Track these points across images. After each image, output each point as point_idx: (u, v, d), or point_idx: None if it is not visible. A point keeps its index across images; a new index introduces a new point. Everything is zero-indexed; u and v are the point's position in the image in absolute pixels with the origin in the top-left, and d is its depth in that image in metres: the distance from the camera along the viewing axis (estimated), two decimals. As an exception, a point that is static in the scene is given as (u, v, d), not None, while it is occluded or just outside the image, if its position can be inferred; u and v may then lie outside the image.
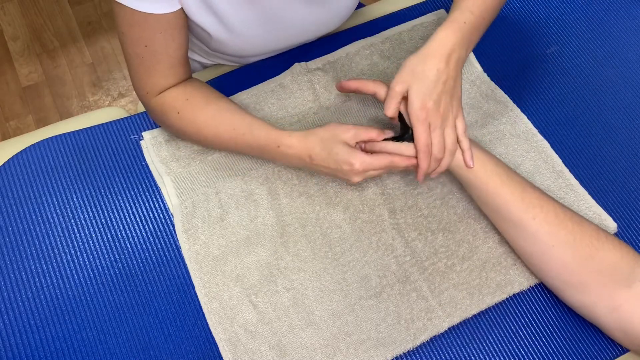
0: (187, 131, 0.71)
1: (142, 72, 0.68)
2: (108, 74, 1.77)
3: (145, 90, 0.70)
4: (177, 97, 0.70)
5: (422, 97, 0.62)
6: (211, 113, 0.70)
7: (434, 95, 0.62)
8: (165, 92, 0.70)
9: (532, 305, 0.67)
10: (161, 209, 0.73)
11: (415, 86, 0.62)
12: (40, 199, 0.73)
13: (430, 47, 0.63)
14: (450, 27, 0.64)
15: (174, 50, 0.67)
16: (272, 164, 0.75)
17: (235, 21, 0.69)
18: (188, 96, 0.70)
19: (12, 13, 1.85)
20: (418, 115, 0.62)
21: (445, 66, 0.62)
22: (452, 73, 0.63)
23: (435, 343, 0.65)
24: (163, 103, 0.70)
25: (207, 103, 0.70)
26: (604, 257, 0.61)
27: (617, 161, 0.76)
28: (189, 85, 0.71)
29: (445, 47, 0.63)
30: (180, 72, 0.70)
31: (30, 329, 0.65)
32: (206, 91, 0.72)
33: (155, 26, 0.64)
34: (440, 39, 0.63)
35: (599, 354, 0.64)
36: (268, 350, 0.63)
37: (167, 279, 0.68)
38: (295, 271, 0.68)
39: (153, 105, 0.71)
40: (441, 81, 0.62)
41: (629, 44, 0.86)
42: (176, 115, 0.70)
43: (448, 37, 0.63)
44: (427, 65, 0.62)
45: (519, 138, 0.77)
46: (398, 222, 0.71)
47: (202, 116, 0.69)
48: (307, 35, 0.80)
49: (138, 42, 0.65)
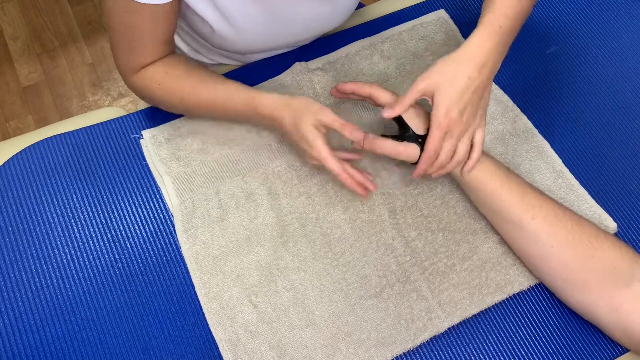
0: (170, 102, 0.72)
1: (126, 51, 0.69)
2: (108, 74, 1.77)
3: (127, 67, 0.71)
4: (158, 71, 0.71)
5: (449, 103, 0.60)
6: (192, 83, 0.71)
7: (460, 104, 0.60)
8: (147, 67, 0.71)
9: (532, 305, 0.67)
10: (161, 209, 0.73)
11: (443, 90, 0.60)
12: (40, 199, 0.73)
13: (464, 51, 0.61)
14: (485, 31, 0.61)
15: (162, 34, 0.68)
16: (272, 164, 0.75)
17: (239, 16, 0.69)
18: (168, 69, 0.71)
19: (12, 13, 1.85)
20: (440, 122, 0.60)
21: (477, 74, 0.60)
22: (484, 82, 0.61)
23: (435, 343, 0.65)
24: (144, 78, 0.71)
25: (188, 74, 0.71)
26: (603, 257, 0.61)
27: (617, 161, 0.76)
28: (169, 59, 0.72)
29: (480, 53, 0.60)
30: (165, 50, 0.71)
31: (30, 329, 0.65)
32: (185, 63, 0.73)
33: (149, 15, 0.64)
34: (476, 44, 0.60)
35: (599, 354, 0.64)
36: (268, 350, 0.63)
37: (167, 279, 0.68)
38: (295, 271, 0.68)
39: (134, 80, 0.72)
40: (470, 90, 0.60)
41: (629, 44, 0.86)
42: (157, 87, 0.71)
43: (483, 42, 0.60)
44: (459, 70, 0.60)
45: (519, 138, 0.77)
46: (398, 222, 0.71)
47: (183, 87, 0.71)
48: (309, 32, 0.80)
49: (127, 26, 0.65)
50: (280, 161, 0.75)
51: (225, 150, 0.76)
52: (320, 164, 0.66)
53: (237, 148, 0.76)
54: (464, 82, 0.60)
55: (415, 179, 0.73)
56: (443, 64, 0.61)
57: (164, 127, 0.78)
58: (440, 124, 0.60)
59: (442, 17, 0.88)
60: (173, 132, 0.77)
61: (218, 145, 0.76)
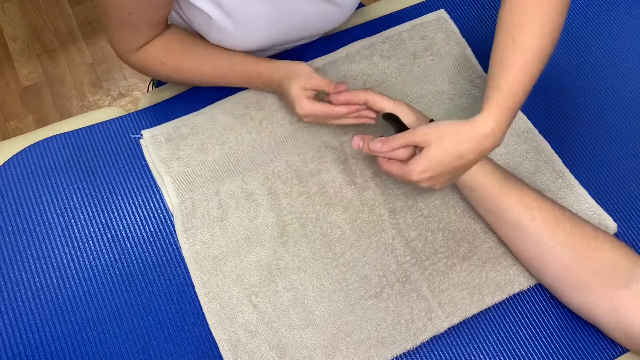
0: (173, 77, 0.76)
1: (122, 33, 0.70)
2: (108, 74, 1.77)
3: (125, 49, 0.72)
4: (159, 49, 0.72)
5: (429, 164, 0.60)
6: (193, 57, 0.74)
7: (439, 169, 0.61)
8: (145, 46, 0.72)
9: (532, 305, 0.67)
10: (161, 209, 0.73)
11: (432, 152, 0.60)
12: (40, 198, 0.73)
13: (470, 130, 0.60)
14: (494, 114, 0.60)
15: (158, 17, 0.69)
16: (272, 164, 0.75)
17: (238, 11, 0.69)
18: (168, 45, 0.73)
19: (12, 13, 1.85)
20: (411, 173, 0.61)
21: (473, 155, 0.60)
22: (472, 162, 0.62)
23: (435, 343, 0.65)
24: (145, 57, 0.73)
25: (188, 48, 0.74)
26: (602, 258, 0.61)
27: (617, 161, 0.76)
28: (167, 35, 0.73)
29: (485, 136, 0.60)
30: (160, 29, 0.72)
31: (30, 329, 0.65)
32: (184, 37, 0.75)
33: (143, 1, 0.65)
34: (487, 128, 0.60)
35: (599, 354, 0.64)
36: (268, 350, 0.63)
37: (167, 279, 0.68)
38: (295, 271, 0.68)
39: (134, 60, 0.73)
40: (458, 163, 0.61)
41: (629, 44, 0.86)
42: (161, 66, 0.73)
43: (493, 128, 0.60)
44: (457, 145, 0.60)
45: (519, 138, 0.77)
46: (398, 222, 0.71)
47: (185, 61, 0.74)
48: (310, 31, 0.79)
49: (122, 9, 0.65)
50: (280, 161, 0.75)
51: (225, 150, 0.76)
52: (315, 117, 0.72)
53: (237, 148, 0.76)
54: (454, 157, 0.60)
55: None
56: (445, 131, 0.60)
57: (164, 127, 0.78)
58: (411, 174, 0.61)
59: (442, 17, 0.88)
60: (173, 132, 0.77)
61: (218, 145, 0.76)
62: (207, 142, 0.77)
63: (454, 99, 0.80)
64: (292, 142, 0.77)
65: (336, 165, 0.75)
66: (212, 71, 0.75)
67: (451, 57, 0.84)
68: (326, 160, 0.75)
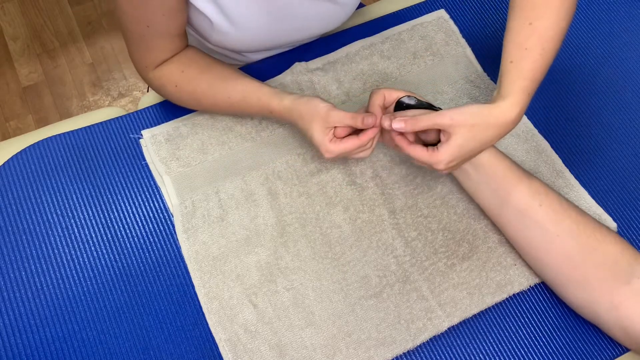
0: (187, 102, 0.75)
1: (142, 48, 0.70)
2: (108, 74, 1.77)
3: (144, 65, 0.72)
4: (174, 71, 0.72)
5: (458, 154, 0.60)
6: (207, 83, 0.72)
7: (465, 157, 0.61)
8: (163, 65, 0.72)
9: (532, 305, 0.67)
10: (161, 209, 0.73)
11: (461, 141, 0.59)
12: (40, 199, 0.73)
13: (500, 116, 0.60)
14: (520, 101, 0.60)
15: (174, 28, 0.69)
16: (272, 164, 0.75)
17: (238, 12, 0.69)
18: (184, 68, 0.72)
19: (12, 13, 1.85)
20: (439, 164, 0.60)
21: (495, 140, 0.61)
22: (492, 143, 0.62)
23: (435, 343, 0.65)
24: (161, 77, 0.73)
25: (201, 73, 0.73)
26: (605, 250, 0.61)
27: (617, 161, 0.76)
28: (184, 56, 0.73)
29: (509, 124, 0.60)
30: (178, 45, 0.72)
31: (30, 329, 0.65)
32: (200, 60, 0.74)
33: (158, 9, 0.64)
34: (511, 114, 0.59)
35: (599, 354, 0.64)
36: (268, 350, 0.63)
37: (167, 279, 0.68)
38: (295, 271, 0.68)
39: (151, 77, 0.73)
40: (479, 149, 0.61)
41: (629, 44, 0.86)
42: (174, 89, 0.73)
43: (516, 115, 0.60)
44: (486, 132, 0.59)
45: (519, 138, 0.77)
46: (398, 222, 0.71)
47: (199, 86, 0.73)
48: (311, 31, 0.79)
49: (139, 21, 0.66)
50: (280, 161, 0.75)
51: (225, 150, 0.76)
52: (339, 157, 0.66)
53: (237, 148, 0.76)
54: (480, 144, 0.60)
55: (416, 180, 0.74)
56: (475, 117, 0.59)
57: (164, 127, 0.78)
58: (438, 164, 0.61)
59: (442, 17, 0.88)
60: (173, 132, 0.77)
61: (218, 145, 0.76)
62: (207, 142, 0.77)
63: (454, 99, 0.80)
64: (292, 142, 0.77)
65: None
66: (224, 102, 0.72)
67: (451, 57, 0.84)
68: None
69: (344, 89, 0.81)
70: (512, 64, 0.61)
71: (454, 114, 0.59)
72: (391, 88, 0.67)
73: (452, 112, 0.59)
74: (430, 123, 0.60)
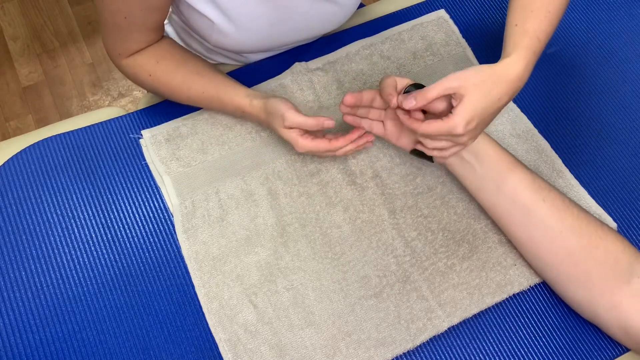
0: (161, 92, 0.75)
1: (116, 37, 0.70)
2: (108, 74, 1.77)
3: (117, 52, 0.72)
4: (149, 60, 0.72)
5: (473, 115, 0.58)
6: (182, 76, 0.73)
7: (480, 118, 0.59)
8: (137, 54, 0.72)
9: (532, 305, 0.67)
10: (161, 209, 0.73)
11: (474, 101, 0.58)
12: (40, 199, 0.73)
13: (504, 71, 0.59)
14: (526, 57, 0.60)
15: (152, 23, 0.69)
16: (272, 164, 0.75)
17: (239, 13, 0.69)
18: (159, 59, 0.72)
19: (12, 13, 1.85)
20: (457, 128, 0.58)
21: (507, 99, 0.60)
22: (503, 107, 0.61)
23: (435, 343, 0.65)
24: (134, 65, 0.73)
25: (177, 66, 0.73)
26: (607, 248, 0.61)
27: (617, 161, 0.76)
28: (159, 47, 0.73)
29: (518, 80, 0.60)
30: (154, 38, 0.72)
31: (30, 329, 0.65)
32: (176, 52, 0.74)
33: (137, 5, 0.65)
34: (517, 68, 0.59)
35: (599, 354, 0.64)
36: (268, 350, 0.63)
37: (167, 279, 0.68)
38: (295, 271, 0.68)
39: (124, 65, 0.73)
40: (494, 109, 0.60)
41: (629, 44, 0.86)
42: (148, 77, 0.73)
43: (523, 70, 0.60)
44: (495, 89, 0.59)
45: (519, 138, 0.77)
46: (398, 222, 0.71)
47: (174, 79, 0.73)
48: (311, 32, 0.79)
49: (118, 13, 0.66)
50: (280, 161, 0.75)
51: (225, 150, 0.76)
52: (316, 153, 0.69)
53: (237, 148, 0.76)
54: (492, 102, 0.59)
55: (416, 180, 0.74)
56: (482, 74, 0.59)
57: (163, 127, 0.78)
58: (457, 128, 0.58)
59: (442, 17, 0.88)
60: (173, 132, 0.77)
61: (218, 145, 0.76)
62: (207, 142, 0.77)
63: (454, 99, 0.80)
64: (292, 142, 0.77)
65: (336, 165, 0.75)
66: (198, 96, 0.74)
67: (451, 57, 0.84)
68: (326, 160, 0.75)
69: (344, 89, 0.81)
70: (517, 26, 0.62)
71: (461, 75, 0.59)
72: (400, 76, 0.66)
73: (459, 74, 0.59)
74: (439, 89, 0.59)
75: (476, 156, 0.66)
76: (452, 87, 0.58)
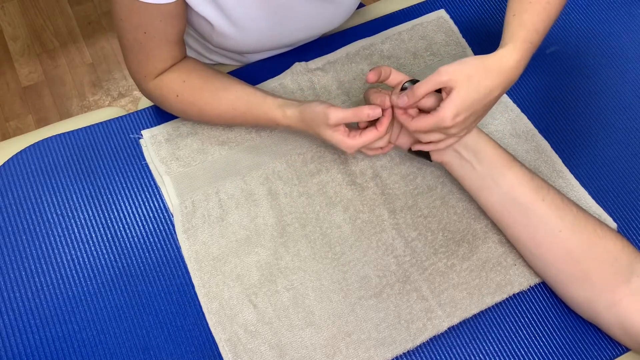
0: (189, 112, 0.73)
1: (140, 57, 0.69)
2: (108, 74, 1.77)
3: (142, 75, 0.71)
4: (175, 80, 0.71)
5: (461, 107, 0.58)
6: (210, 93, 0.71)
7: (470, 110, 0.59)
8: (162, 75, 0.71)
9: (532, 305, 0.67)
10: (161, 209, 0.73)
11: (462, 92, 0.58)
12: (40, 199, 0.73)
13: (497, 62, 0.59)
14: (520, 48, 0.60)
15: (172, 35, 0.68)
16: (272, 164, 0.75)
17: (240, 14, 0.69)
18: (185, 77, 0.71)
19: (12, 13, 1.85)
20: (445, 120, 0.59)
21: (499, 91, 0.60)
22: (497, 98, 0.61)
23: (435, 343, 0.65)
24: (162, 86, 0.71)
25: (204, 82, 0.71)
26: (606, 246, 0.61)
27: (617, 161, 0.76)
28: (184, 66, 0.72)
29: (511, 71, 0.59)
30: (177, 53, 0.71)
31: (30, 329, 0.65)
32: (202, 70, 0.73)
33: (155, 15, 0.64)
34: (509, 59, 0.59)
35: (599, 354, 0.64)
36: (268, 350, 0.64)
37: (167, 279, 0.68)
38: (295, 271, 0.68)
39: (151, 88, 0.72)
40: (485, 101, 0.60)
41: (629, 44, 0.86)
42: (175, 99, 0.71)
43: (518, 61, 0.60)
44: (485, 80, 0.58)
45: (519, 138, 0.77)
46: (398, 222, 0.71)
47: (201, 97, 0.71)
48: (311, 31, 0.79)
49: (137, 29, 0.65)
50: (280, 161, 0.75)
51: (225, 150, 0.76)
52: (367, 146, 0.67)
53: (237, 148, 0.76)
54: (483, 93, 0.59)
55: (416, 180, 0.74)
56: (471, 67, 0.59)
57: (164, 127, 0.78)
58: (444, 121, 0.59)
59: (442, 17, 0.88)
60: (173, 132, 0.77)
61: (218, 145, 0.76)
62: (207, 142, 0.77)
63: (454, 99, 0.80)
64: (292, 142, 0.77)
65: (336, 165, 0.75)
66: (228, 113, 0.71)
67: (451, 57, 0.84)
68: (326, 160, 0.75)
69: (344, 89, 0.81)
70: (515, 17, 0.62)
71: (450, 68, 0.59)
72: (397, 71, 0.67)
73: (448, 67, 0.59)
74: (429, 85, 0.59)
75: (475, 155, 0.66)
76: (442, 82, 0.59)
